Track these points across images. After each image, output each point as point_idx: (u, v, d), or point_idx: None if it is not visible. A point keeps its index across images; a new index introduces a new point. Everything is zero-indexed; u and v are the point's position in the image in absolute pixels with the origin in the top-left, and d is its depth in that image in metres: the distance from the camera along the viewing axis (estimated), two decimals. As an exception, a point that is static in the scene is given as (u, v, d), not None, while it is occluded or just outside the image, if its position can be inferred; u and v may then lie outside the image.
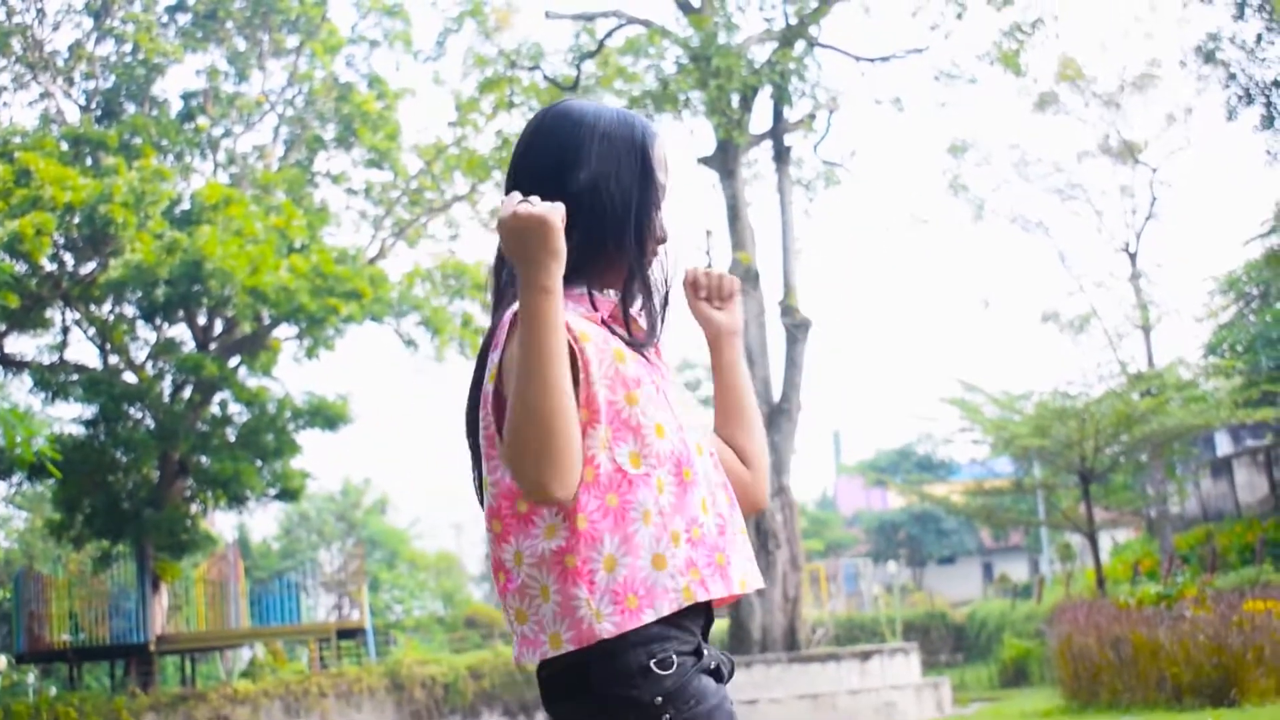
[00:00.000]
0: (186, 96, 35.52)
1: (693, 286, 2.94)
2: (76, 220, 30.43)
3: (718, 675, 2.57)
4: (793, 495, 21.69)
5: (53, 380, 32.83)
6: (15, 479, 34.40)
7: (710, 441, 2.75)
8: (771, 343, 22.21)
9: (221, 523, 48.48)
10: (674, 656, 2.45)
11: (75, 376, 32.89)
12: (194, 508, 33.42)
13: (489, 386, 2.51)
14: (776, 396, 21.69)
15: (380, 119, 34.49)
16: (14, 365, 34.30)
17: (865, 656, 19.86)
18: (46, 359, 34.01)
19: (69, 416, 34.52)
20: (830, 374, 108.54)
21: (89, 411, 32.69)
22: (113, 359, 33.92)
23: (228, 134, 35.87)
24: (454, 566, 58.94)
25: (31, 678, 38.73)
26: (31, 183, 29.97)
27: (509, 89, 25.79)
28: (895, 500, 55.56)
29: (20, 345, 34.69)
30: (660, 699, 2.41)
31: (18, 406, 35.98)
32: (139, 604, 33.48)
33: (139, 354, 33.90)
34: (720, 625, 35.88)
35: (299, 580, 38.91)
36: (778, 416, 21.44)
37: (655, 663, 2.43)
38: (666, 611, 2.48)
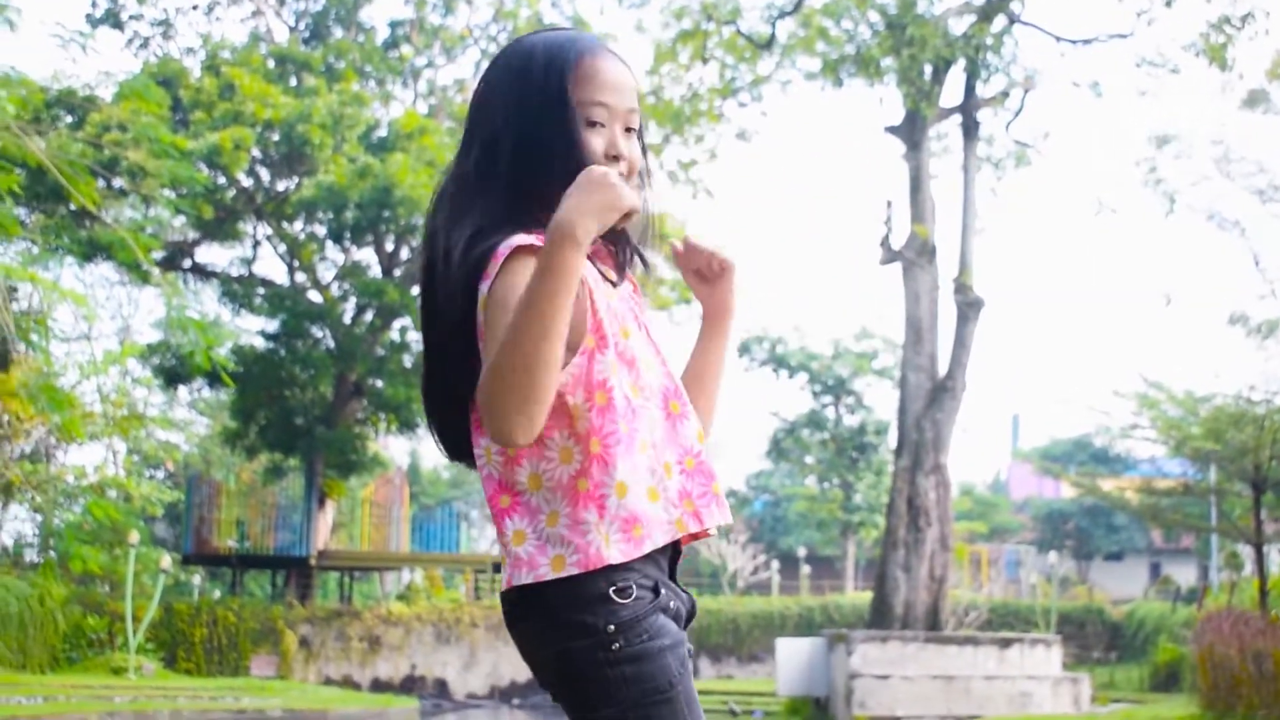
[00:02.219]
0: (393, 24, 35.99)
1: (683, 257, 2.80)
2: (275, 138, 31.02)
3: (675, 619, 2.55)
4: (948, 474, 21.40)
5: (240, 292, 33.56)
6: (196, 384, 35.25)
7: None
8: (942, 320, 21.96)
9: (395, 447, 49.31)
10: (634, 587, 2.46)
11: (261, 290, 33.58)
12: (365, 429, 34.00)
13: (482, 316, 2.46)
14: (942, 373, 21.48)
15: (581, 63, 34.61)
16: (204, 274, 35.12)
17: (1005, 644, 19.61)
18: (235, 271, 34.78)
19: (253, 328, 35.29)
20: (1012, 356, 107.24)
21: (272, 325, 33.38)
22: (299, 276, 34.56)
23: (430, 65, 36.28)
24: (617, 513, 59.22)
25: (198, 579, 39.72)
26: (235, 97, 30.61)
27: (705, 42, 25.78)
28: (1068, 490, 54.74)
29: (212, 255, 35.54)
30: (613, 627, 2.43)
31: (206, 315, 36.92)
32: (304, 518, 34.17)
33: (325, 274, 34.51)
34: (863, 598, 35.73)
35: (463, 511, 39.43)
36: (941, 394, 21.19)
37: (614, 591, 2.44)
38: (662, 543, 2.50)
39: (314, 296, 33.75)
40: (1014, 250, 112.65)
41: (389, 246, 33.48)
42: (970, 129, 22.38)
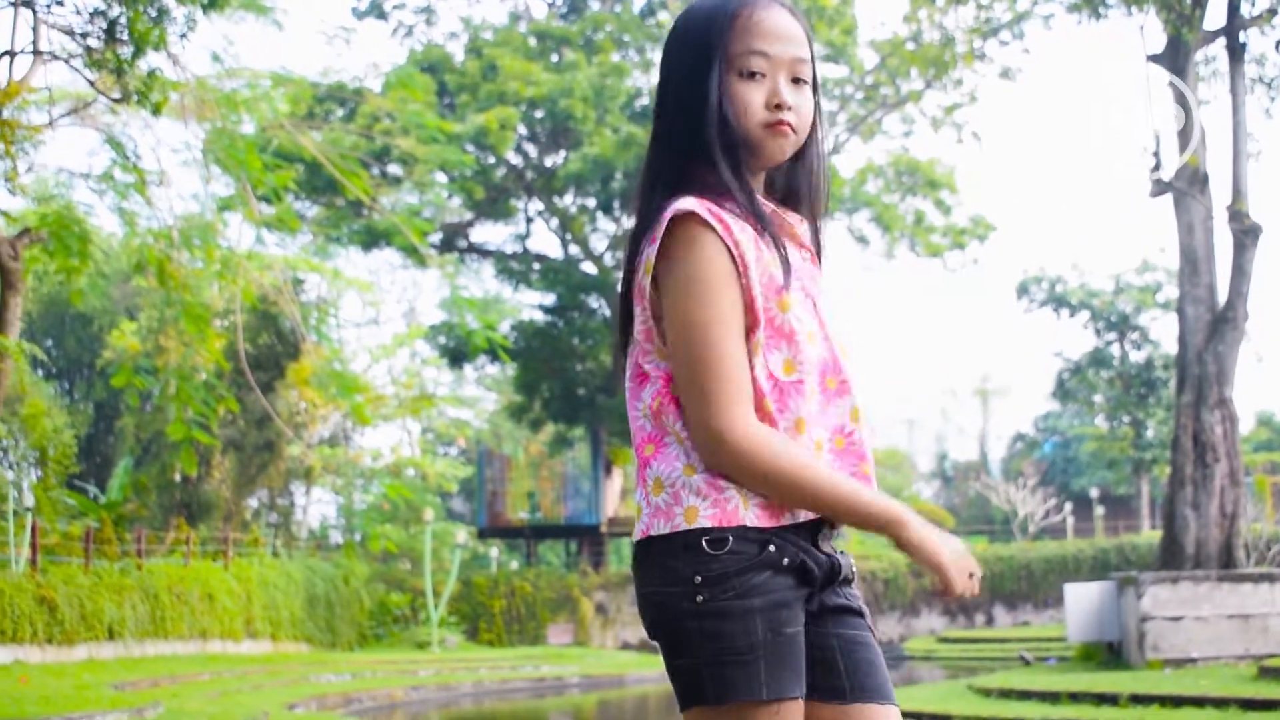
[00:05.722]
0: (649, -8, 36.16)
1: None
2: (539, 114, 31.54)
3: (802, 576, 2.51)
4: (1234, 407, 20.71)
5: (516, 268, 34.24)
6: (481, 361, 36.14)
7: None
8: (1219, 250, 21.28)
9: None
10: (731, 538, 2.42)
11: (537, 265, 34.22)
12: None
13: (645, 281, 2.51)
14: (1221, 304, 20.84)
15: (837, 14, 34.35)
16: (481, 253, 35.93)
17: (1303, 578, 19.02)
18: (510, 248, 35.50)
19: (531, 303, 36.00)
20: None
21: (549, 299, 33.99)
22: (572, 249, 35.12)
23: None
24: (903, 463, 58.92)
25: (494, 551, 40.69)
26: (498, 78, 31.19)
27: (959, -17, 25.48)
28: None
29: (487, 234, 36.33)
30: (700, 578, 2.40)
31: (487, 293, 37.79)
32: (593, 486, 34.75)
33: (598, 244, 34.99)
34: (1152, 538, 34.88)
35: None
36: (1222, 326, 20.53)
37: (707, 540, 2.42)
38: (803, 519, 2.49)
39: (588, 268, 34.24)
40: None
41: (658, 213, 33.77)
42: (1237, 51, 21.60)
